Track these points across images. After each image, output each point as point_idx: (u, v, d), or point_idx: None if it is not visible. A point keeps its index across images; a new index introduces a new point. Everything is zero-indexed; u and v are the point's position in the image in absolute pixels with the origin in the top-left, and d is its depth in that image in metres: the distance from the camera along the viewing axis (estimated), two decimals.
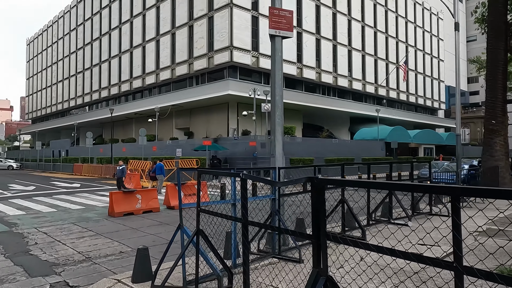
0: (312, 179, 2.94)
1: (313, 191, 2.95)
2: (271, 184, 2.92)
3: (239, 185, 3.87)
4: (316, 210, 2.97)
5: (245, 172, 3.73)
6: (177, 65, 39.04)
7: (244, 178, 3.70)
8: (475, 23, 20.79)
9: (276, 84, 7.07)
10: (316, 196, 2.94)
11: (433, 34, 62.47)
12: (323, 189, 2.88)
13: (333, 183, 2.79)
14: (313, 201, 2.97)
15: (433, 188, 2.04)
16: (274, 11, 7.02)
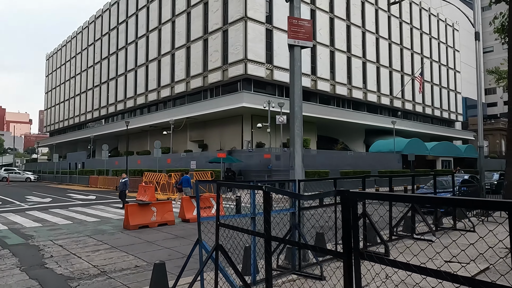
0: (343, 193, 2.74)
1: (344, 205, 2.75)
2: (297, 197, 2.77)
3: (258, 198, 3.69)
4: (348, 225, 2.77)
5: (268, 185, 3.56)
6: (191, 78, 39.39)
7: (267, 191, 3.53)
8: (494, 33, 20.34)
9: (295, 95, 6.93)
10: (347, 211, 2.75)
11: (449, 45, 61.78)
12: (356, 203, 2.68)
13: (367, 197, 2.59)
14: (344, 216, 2.77)
15: (488, 203, 1.82)
16: (293, 20, 6.92)
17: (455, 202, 2.30)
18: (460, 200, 1.99)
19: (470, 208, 2.47)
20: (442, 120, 59.72)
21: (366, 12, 45.73)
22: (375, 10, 47.21)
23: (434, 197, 2.38)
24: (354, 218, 2.72)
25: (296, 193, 2.82)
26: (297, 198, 3.07)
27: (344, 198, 2.76)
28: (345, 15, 42.83)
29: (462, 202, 2.00)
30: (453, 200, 2.28)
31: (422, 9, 55.55)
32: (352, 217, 2.72)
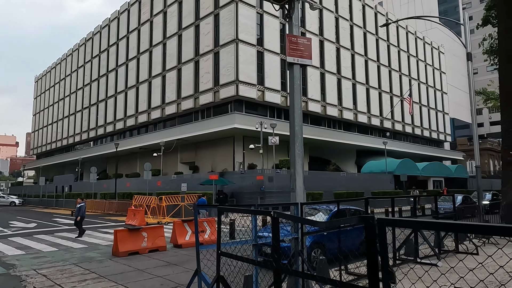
0: (368, 219, 2.43)
1: (369, 233, 2.43)
2: (314, 225, 2.49)
3: (258, 222, 3.35)
4: (374, 256, 2.44)
5: (277, 211, 3.22)
6: (182, 99, 39.22)
7: (276, 217, 3.19)
8: (484, 54, 20.74)
9: (295, 114, 6.68)
10: (373, 240, 2.42)
11: (435, 68, 63.14)
12: (385, 231, 2.36)
13: (398, 224, 2.28)
14: (369, 245, 2.45)
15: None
16: (292, 38, 6.75)
17: (492, 229, 2.00)
18: (499, 227, 1.69)
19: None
20: (431, 140, 60.30)
21: (355, 35, 46.59)
22: (363, 33, 48.17)
23: (471, 224, 2.08)
24: (382, 248, 2.40)
25: (314, 220, 2.54)
26: (313, 225, 2.79)
27: (369, 226, 2.45)
28: (335, 38, 43.54)
29: (499, 229, 1.70)
30: (490, 228, 1.99)
31: (409, 33, 56.93)
32: (380, 247, 2.40)
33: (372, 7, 51.00)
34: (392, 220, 2.34)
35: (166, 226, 18.21)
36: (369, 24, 49.23)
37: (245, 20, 34.14)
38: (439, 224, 2.14)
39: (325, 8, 42.56)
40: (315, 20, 41.15)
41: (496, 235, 1.93)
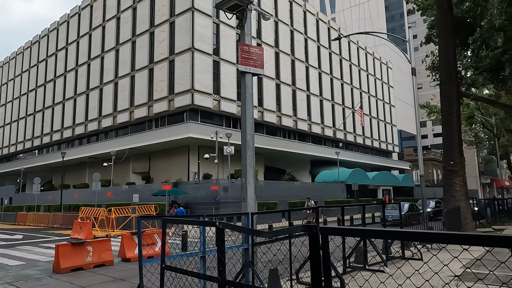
0: (311, 228, 2.40)
1: (313, 242, 2.39)
2: (258, 235, 2.42)
3: (207, 234, 3.24)
4: (317, 266, 2.40)
5: (222, 221, 3.11)
6: (136, 107, 38.09)
7: (222, 228, 3.08)
8: (426, 70, 22.08)
9: (247, 123, 6.64)
10: (317, 249, 2.39)
11: (384, 82, 66.50)
12: (327, 240, 2.34)
13: (341, 233, 2.26)
14: (313, 255, 2.41)
15: (490, 240, 1.56)
16: (244, 47, 6.74)
17: (449, 237, 2.03)
18: (453, 235, 1.72)
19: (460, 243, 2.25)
20: (381, 151, 63.08)
21: (309, 48, 47.96)
22: (317, 47, 49.73)
23: (416, 232, 2.11)
24: (325, 257, 2.37)
25: (259, 230, 2.48)
26: (258, 236, 2.73)
27: (312, 234, 2.41)
28: (290, 50, 44.54)
29: (455, 237, 1.73)
30: (445, 235, 2.02)
31: (360, 48, 59.60)
32: (323, 256, 2.37)
33: (326, 22, 52.91)
34: (334, 229, 2.32)
35: (115, 239, 17.40)
36: (323, 38, 50.95)
37: (201, 29, 34.00)
38: (372, 231, 2.14)
39: (280, 21, 43.49)
40: (271, 32, 41.89)
41: (416, 240, 1.97)
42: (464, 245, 1.66)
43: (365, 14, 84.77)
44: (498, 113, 30.51)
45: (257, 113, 38.71)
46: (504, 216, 23.89)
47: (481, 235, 1.59)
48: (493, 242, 1.58)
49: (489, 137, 39.46)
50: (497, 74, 18.55)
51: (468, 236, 1.61)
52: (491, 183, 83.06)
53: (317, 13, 51.53)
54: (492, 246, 1.58)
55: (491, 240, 1.58)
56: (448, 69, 16.93)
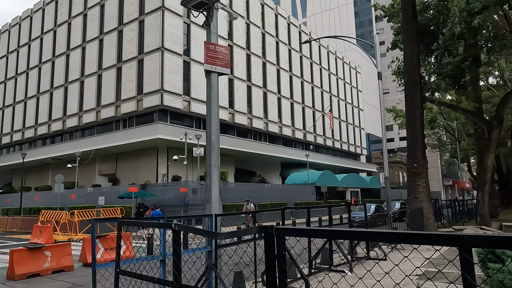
0: (266, 229, 2.33)
1: (268, 244, 2.32)
2: (213, 236, 2.32)
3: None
4: (272, 267, 2.33)
5: (177, 222, 2.99)
6: (102, 107, 36.97)
7: (177, 230, 2.96)
8: (392, 75, 22.73)
9: (212, 123, 6.52)
10: (272, 250, 2.32)
11: (353, 86, 68.03)
12: (283, 240, 2.27)
13: (294, 233, 2.20)
14: (268, 256, 2.33)
15: (443, 237, 1.54)
16: (210, 46, 6.62)
17: (392, 236, 2.00)
18: (393, 234, 1.69)
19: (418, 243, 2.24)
20: (349, 153, 64.39)
21: (280, 51, 48.33)
22: (288, 50, 50.18)
23: (357, 232, 2.08)
24: (280, 258, 2.30)
25: (212, 231, 2.38)
26: (212, 237, 2.61)
27: (268, 236, 2.34)
28: (261, 53, 44.68)
29: (393, 235, 1.70)
30: (390, 234, 2.00)
31: (330, 52, 60.68)
32: (278, 257, 2.30)
33: (297, 26, 53.52)
34: (290, 229, 2.26)
35: (77, 244, 16.75)
36: (294, 42, 51.49)
37: (172, 29, 33.49)
38: (330, 232, 2.10)
39: (252, 23, 43.57)
40: (242, 34, 41.88)
41: (377, 241, 1.95)
42: (413, 244, 1.63)
43: (335, 19, 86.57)
44: (459, 118, 31.84)
45: (228, 114, 38.55)
46: (464, 217, 24.92)
47: (428, 234, 1.57)
48: (441, 240, 1.55)
49: (451, 141, 41.15)
50: (458, 80, 19.34)
51: (415, 235, 1.59)
52: (453, 185, 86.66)
53: (288, 16, 52.04)
54: (440, 245, 1.56)
55: (439, 238, 1.56)
56: (412, 74, 17.49)
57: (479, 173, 20.97)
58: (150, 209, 21.31)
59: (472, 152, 37.51)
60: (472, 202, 34.74)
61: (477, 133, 24.45)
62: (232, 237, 2.90)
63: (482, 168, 19.48)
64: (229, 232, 2.67)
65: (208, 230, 2.63)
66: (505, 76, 30.07)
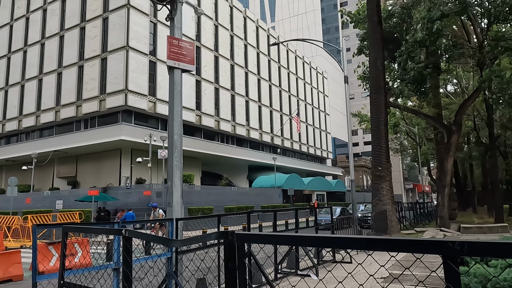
0: (227, 235, 2.07)
1: (228, 251, 2.07)
2: (167, 244, 2.08)
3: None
4: (233, 280, 2.07)
5: (129, 229, 2.67)
6: (62, 107, 35.31)
7: (128, 237, 2.64)
8: (358, 79, 23.15)
9: (175, 122, 6.18)
10: (232, 258, 2.06)
11: (320, 91, 69.16)
12: (243, 247, 2.03)
13: (256, 240, 1.96)
14: (228, 264, 2.08)
15: (425, 244, 1.35)
16: (173, 41, 6.29)
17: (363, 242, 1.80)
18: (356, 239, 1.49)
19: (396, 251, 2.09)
20: (316, 157, 65.29)
21: (249, 54, 48.28)
22: (256, 53, 50.23)
23: (324, 238, 1.87)
24: (241, 267, 2.05)
25: (166, 238, 2.14)
26: (167, 245, 2.36)
27: (228, 242, 2.08)
28: (229, 55, 44.42)
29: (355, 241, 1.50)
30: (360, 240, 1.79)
31: (297, 57, 61.38)
32: (238, 266, 2.04)
33: (265, 29, 53.73)
34: (252, 235, 2.01)
35: (29, 251, 15.67)
36: (262, 45, 51.62)
37: (137, 28, 32.56)
38: (295, 238, 1.87)
39: (220, 25, 43.26)
40: (211, 36, 41.46)
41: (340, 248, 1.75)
42: (390, 251, 1.43)
43: (303, 24, 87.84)
44: (420, 123, 33.00)
45: (195, 116, 37.94)
46: (424, 219, 25.73)
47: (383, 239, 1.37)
48: (422, 248, 1.36)
49: (412, 146, 42.61)
50: (420, 86, 19.96)
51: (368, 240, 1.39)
52: (413, 188, 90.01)
53: (257, 20, 52.14)
54: (421, 252, 1.36)
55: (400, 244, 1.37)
56: (377, 79, 17.85)
57: (439, 177, 21.72)
58: (122, 211, 20.43)
59: (432, 156, 39.00)
60: (432, 204, 36.10)
61: (437, 138, 25.37)
62: (188, 244, 2.61)
63: (442, 171, 20.17)
64: (185, 239, 2.39)
65: (162, 237, 2.36)
66: (462, 84, 31.53)
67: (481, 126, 31.19)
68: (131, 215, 17.19)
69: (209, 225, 22.46)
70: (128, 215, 17.28)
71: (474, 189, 38.38)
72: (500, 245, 1.15)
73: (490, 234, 15.79)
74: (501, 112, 27.04)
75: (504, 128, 29.14)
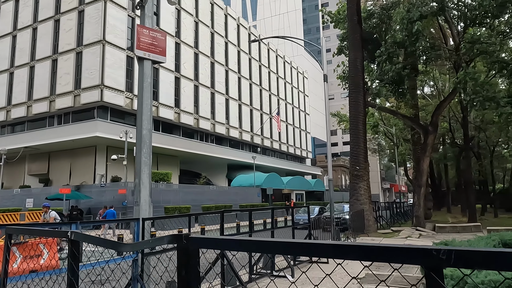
0: (180, 239, 1.80)
1: (181, 257, 1.79)
2: (115, 248, 1.83)
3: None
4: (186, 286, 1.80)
5: (76, 231, 2.36)
6: (35, 101, 34.05)
7: (74, 240, 2.33)
8: (337, 79, 23.17)
9: (144, 116, 5.84)
10: (185, 265, 1.79)
11: (300, 91, 69.40)
12: (197, 253, 1.76)
13: (208, 244, 1.69)
14: (180, 272, 1.80)
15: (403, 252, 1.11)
16: (144, 30, 5.94)
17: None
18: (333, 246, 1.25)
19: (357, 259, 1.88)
20: (295, 156, 65.50)
21: (229, 52, 47.88)
22: (237, 51, 49.89)
23: (281, 242, 1.61)
24: (194, 275, 1.78)
25: (115, 241, 1.90)
26: (115, 249, 2.11)
27: (181, 248, 1.81)
28: (210, 53, 43.92)
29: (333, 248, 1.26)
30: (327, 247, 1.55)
31: (278, 56, 61.37)
32: (191, 275, 1.77)
33: (247, 28, 53.43)
34: (202, 239, 1.74)
35: None
36: (243, 44, 51.30)
37: (115, 22, 31.70)
38: (263, 244, 1.61)
39: (201, 22, 42.70)
40: (191, 32, 40.85)
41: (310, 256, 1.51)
42: (364, 261, 1.19)
43: (285, 24, 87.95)
44: (398, 124, 33.45)
45: (174, 114, 37.30)
46: (400, 218, 26.04)
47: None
48: (400, 256, 1.13)
49: (390, 146, 43.22)
50: (398, 87, 20.12)
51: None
52: (390, 188, 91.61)
53: (238, 18, 51.79)
54: (398, 263, 1.13)
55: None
56: (356, 79, 17.86)
57: (415, 177, 21.98)
58: (104, 208, 19.77)
59: (408, 156, 39.63)
60: (407, 204, 36.67)
61: (413, 139, 25.69)
62: (137, 249, 2.33)
63: (418, 171, 20.40)
64: (134, 244, 2.10)
65: (111, 240, 2.08)
66: (439, 86, 32.12)
67: (456, 128, 31.86)
68: (112, 213, 16.86)
69: (186, 224, 22.05)
70: (109, 213, 16.91)
71: (448, 189, 39.24)
72: (496, 255, 0.92)
73: (464, 234, 16.02)
74: (475, 114, 27.67)
75: (477, 130, 29.84)
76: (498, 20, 18.09)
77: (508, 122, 18.70)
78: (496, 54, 15.83)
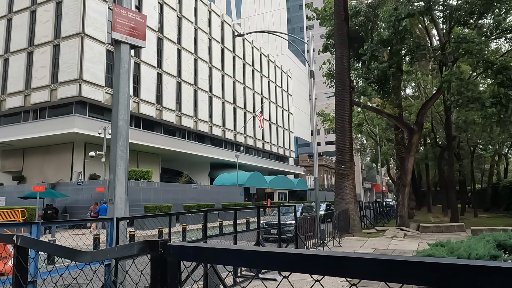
0: (154, 247, 1.34)
1: (155, 268, 1.34)
2: (71, 258, 1.46)
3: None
4: None
5: (24, 235, 1.87)
6: (8, 95, 32.63)
7: (21, 246, 1.84)
8: (323, 77, 22.93)
9: (120, 105, 5.30)
10: (160, 275, 1.34)
11: (284, 90, 69.22)
12: (178, 265, 1.31)
13: (193, 255, 1.24)
14: (155, 285, 1.35)
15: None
16: (121, 11, 5.41)
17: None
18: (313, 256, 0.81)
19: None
20: (278, 156, 65.29)
21: (213, 49, 47.20)
22: (221, 48, 49.24)
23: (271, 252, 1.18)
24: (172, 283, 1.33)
25: (71, 249, 1.53)
26: (70, 258, 1.75)
27: (155, 257, 1.35)
28: (193, 49, 43.15)
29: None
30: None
31: (262, 55, 60.99)
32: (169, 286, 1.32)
33: (231, 25, 52.83)
34: (190, 248, 1.28)
35: None
36: (227, 41, 50.70)
37: (95, 14, 30.64)
38: (235, 251, 1.16)
39: (184, 18, 41.89)
40: (174, 28, 39.99)
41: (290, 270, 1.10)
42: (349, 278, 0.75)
43: (269, 23, 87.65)
44: (381, 124, 33.55)
45: (155, 111, 36.42)
46: (383, 218, 26.05)
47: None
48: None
49: (372, 146, 43.44)
50: (383, 86, 20.02)
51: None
52: (371, 188, 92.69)
53: (222, 15, 51.15)
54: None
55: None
56: (342, 77, 17.61)
57: (399, 176, 21.97)
58: (96, 204, 18.74)
59: (391, 156, 39.88)
60: (389, 204, 36.88)
61: (397, 138, 25.73)
62: (99, 259, 1.85)
63: (403, 171, 20.35)
64: (95, 252, 1.64)
65: (67, 247, 1.63)
66: (421, 86, 32.37)
67: (437, 128, 32.16)
68: (104, 208, 15.68)
69: (166, 224, 21.38)
70: (102, 208, 15.80)
71: (428, 189, 39.68)
72: None
73: (447, 233, 15.98)
74: (457, 115, 27.93)
75: (459, 130, 30.17)
76: (482, 21, 18.16)
77: (492, 123, 18.82)
78: (481, 54, 15.83)
